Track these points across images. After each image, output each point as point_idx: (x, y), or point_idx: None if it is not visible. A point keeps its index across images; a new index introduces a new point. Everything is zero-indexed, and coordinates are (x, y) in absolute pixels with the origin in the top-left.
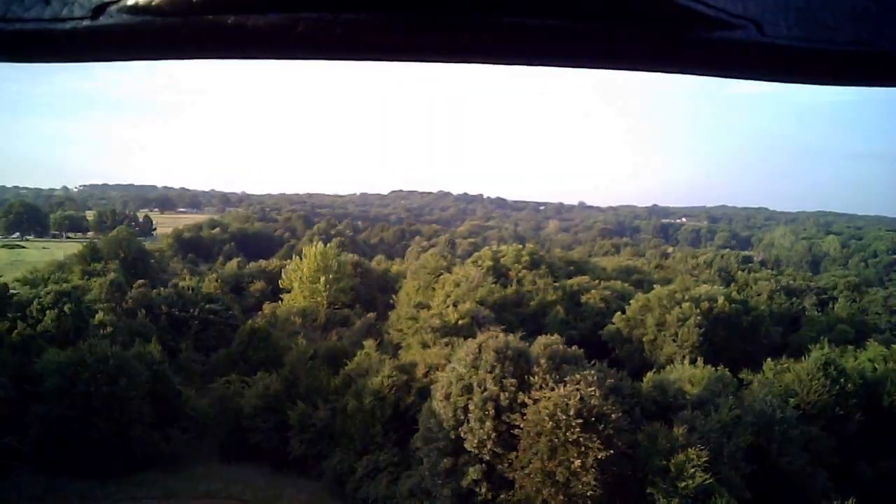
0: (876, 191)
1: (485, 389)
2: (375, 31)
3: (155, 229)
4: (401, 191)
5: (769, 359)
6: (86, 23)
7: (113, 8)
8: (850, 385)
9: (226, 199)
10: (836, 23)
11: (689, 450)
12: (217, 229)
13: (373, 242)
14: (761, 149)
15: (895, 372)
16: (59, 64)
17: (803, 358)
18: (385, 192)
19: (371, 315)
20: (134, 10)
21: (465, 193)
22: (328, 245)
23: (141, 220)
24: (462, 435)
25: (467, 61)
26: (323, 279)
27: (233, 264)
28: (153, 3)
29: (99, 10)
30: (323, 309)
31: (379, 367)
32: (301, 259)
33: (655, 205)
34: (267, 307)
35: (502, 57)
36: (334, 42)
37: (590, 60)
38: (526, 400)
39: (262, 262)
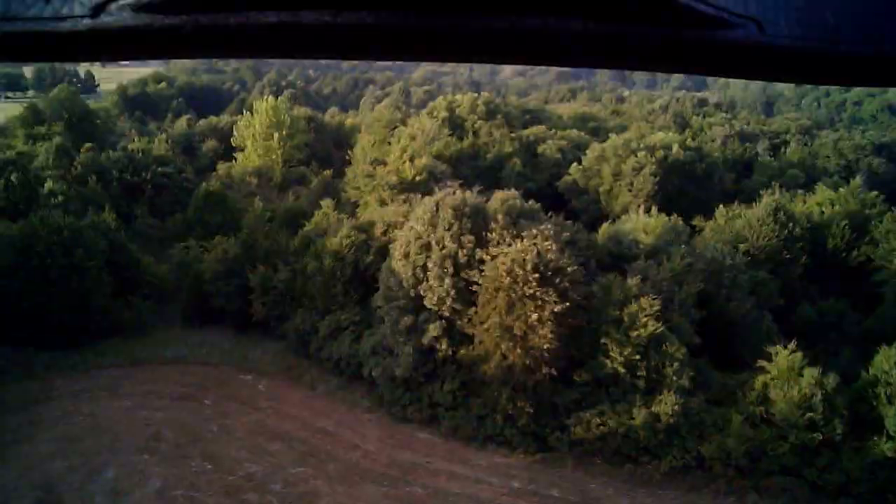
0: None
1: (443, 247)
2: (376, 30)
3: (98, 85)
4: None
5: (721, 205)
6: (86, 21)
7: (113, 6)
8: (797, 229)
9: None
10: (837, 22)
11: (642, 299)
12: (163, 84)
13: (325, 93)
14: None
15: (840, 215)
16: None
17: (755, 204)
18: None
19: (327, 172)
20: (134, 8)
21: None
22: (279, 99)
23: (82, 75)
24: (422, 293)
25: (468, 61)
26: (276, 136)
27: (182, 122)
28: (154, 2)
29: (99, 9)
30: (279, 168)
31: (337, 226)
32: (252, 115)
33: None
34: (221, 167)
35: (503, 56)
36: (335, 42)
37: (590, 60)
38: (484, 256)
39: (213, 119)
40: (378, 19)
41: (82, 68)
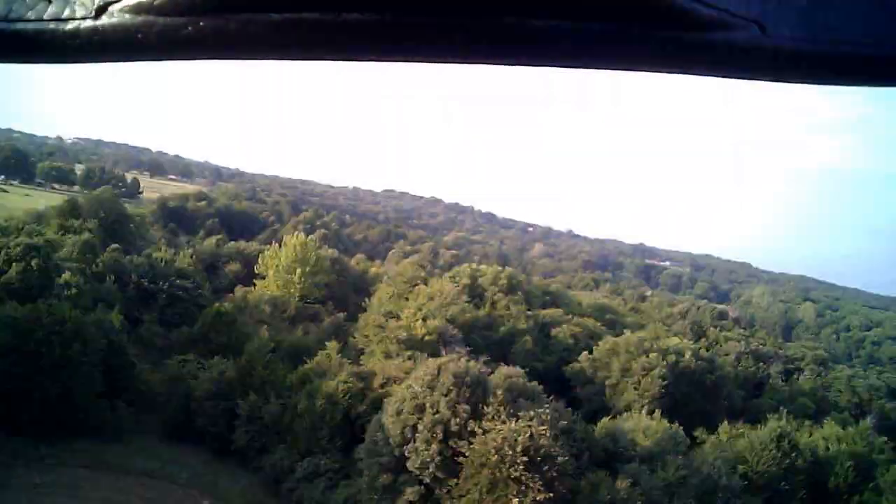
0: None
1: (437, 412)
2: (376, 31)
3: (141, 192)
4: (393, 191)
5: (726, 421)
6: (88, 23)
7: (115, 8)
8: (800, 461)
9: (218, 173)
10: (838, 23)
11: None
12: (204, 202)
13: (357, 239)
14: (750, 199)
15: (846, 455)
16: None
17: (760, 426)
18: (378, 189)
19: (341, 315)
20: (136, 9)
21: (457, 203)
22: (310, 237)
23: (129, 180)
24: (406, 454)
25: (469, 62)
26: (299, 271)
27: (211, 241)
28: (155, 3)
29: (101, 10)
30: (294, 301)
31: (338, 370)
32: (281, 247)
33: (642, 244)
34: (238, 291)
35: (503, 58)
36: (336, 43)
37: (592, 61)
38: (476, 429)
39: (241, 244)
40: (379, 20)
41: (130, 174)
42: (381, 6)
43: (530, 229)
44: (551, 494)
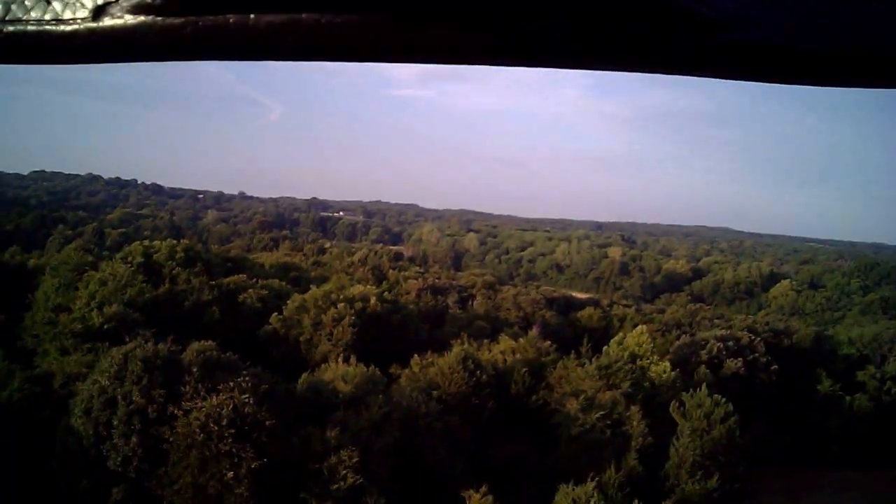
0: (508, 192)
1: (131, 402)
2: (377, 31)
3: None
4: (43, 171)
5: (416, 354)
6: (87, 24)
7: (113, 8)
8: (484, 376)
9: None
10: (835, 24)
11: (342, 451)
12: None
13: (7, 229)
14: (413, 148)
15: (521, 363)
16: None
17: (446, 353)
18: (25, 172)
19: (1, 316)
20: (135, 10)
21: (118, 178)
22: None
23: None
24: (105, 452)
25: (469, 62)
26: None
27: None
28: (154, 4)
29: (100, 11)
30: None
31: (7, 378)
32: None
33: (315, 198)
34: None
35: (503, 58)
36: (336, 42)
37: (592, 61)
38: (176, 411)
39: None
40: (380, 20)
41: None
42: (381, 6)
43: (201, 196)
44: (265, 460)
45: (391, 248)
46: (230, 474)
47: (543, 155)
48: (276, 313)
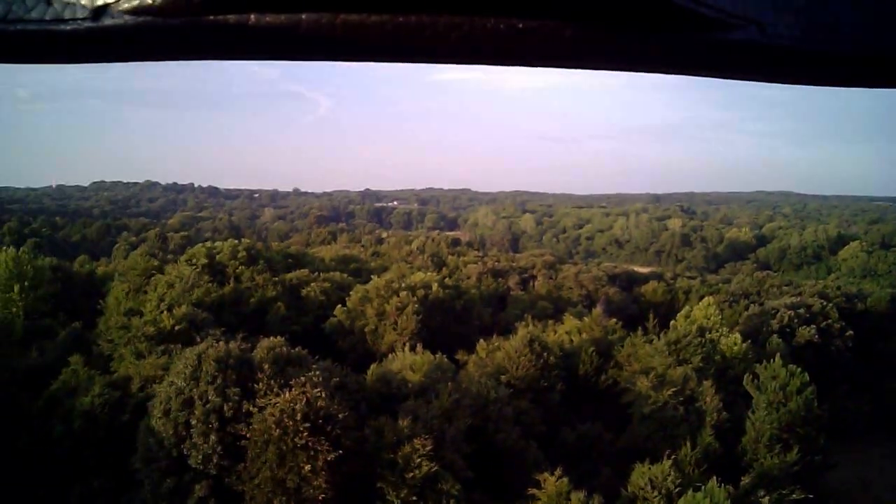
0: (562, 170)
1: (207, 402)
2: (376, 31)
3: None
4: (103, 182)
5: (482, 339)
6: (87, 24)
7: (114, 9)
8: (551, 358)
9: None
10: (837, 23)
11: (415, 440)
12: None
13: (74, 240)
14: (462, 132)
15: (588, 342)
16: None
17: (511, 336)
18: (85, 183)
19: (77, 324)
20: (135, 10)
21: (175, 183)
22: (21, 249)
23: None
24: (185, 452)
25: (468, 62)
26: (17, 287)
27: None
28: (154, 4)
29: (100, 11)
30: (20, 321)
31: (88, 384)
32: None
33: (368, 189)
34: None
35: (503, 58)
36: (335, 42)
37: (589, 61)
38: (251, 409)
39: None
40: (380, 20)
41: None
42: (380, 6)
43: (256, 195)
44: (340, 451)
45: (448, 234)
46: (307, 467)
47: (595, 130)
48: (339, 305)
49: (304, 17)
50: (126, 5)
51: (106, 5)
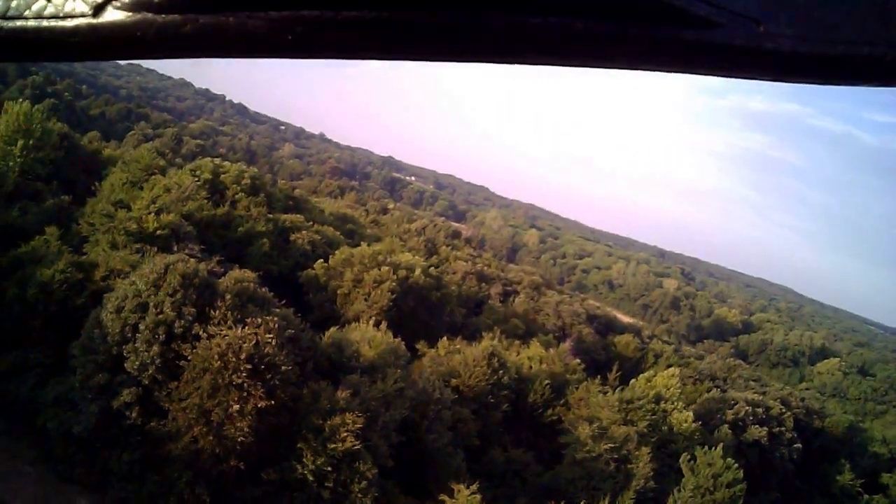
0: (580, 197)
1: (161, 312)
2: (376, 30)
3: None
4: (139, 66)
5: (446, 337)
6: (87, 20)
7: (114, 5)
8: (506, 377)
9: None
10: (837, 22)
11: (347, 414)
12: None
13: (93, 114)
14: (496, 131)
15: (546, 374)
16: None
17: (476, 343)
18: (123, 62)
19: (66, 197)
20: (135, 7)
21: (208, 90)
22: (36, 107)
23: None
24: (125, 353)
25: (468, 61)
26: (21, 143)
27: None
28: (154, 1)
29: (100, 8)
30: (13, 176)
31: (56, 258)
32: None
33: (391, 156)
34: None
35: (503, 57)
36: (335, 41)
37: (589, 60)
38: (201, 333)
39: None
40: (378, 18)
41: None
42: (380, 4)
43: (282, 128)
44: (272, 402)
45: (452, 224)
46: (236, 407)
47: (626, 170)
48: (322, 260)
49: (304, 14)
50: (126, 2)
51: (106, 2)
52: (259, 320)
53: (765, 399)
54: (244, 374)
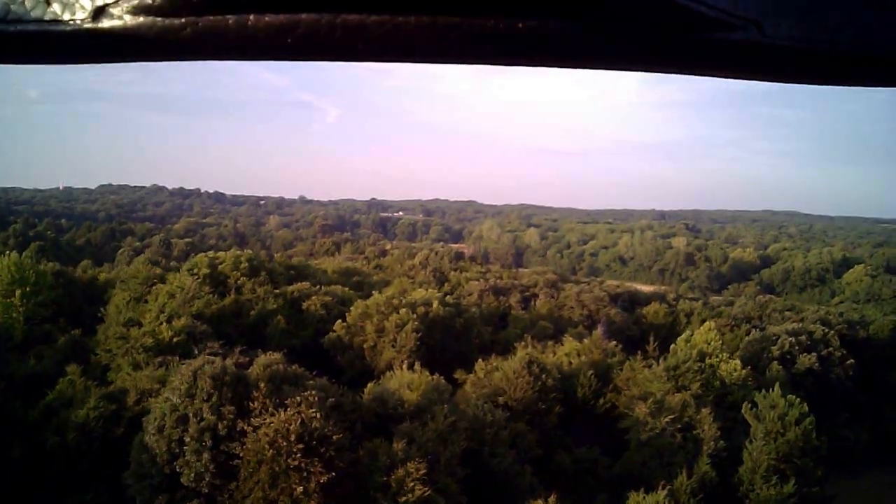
0: (568, 184)
1: (201, 419)
2: (376, 31)
3: None
4: (110, 185)
5: (480, 358)
6: (87, 24)
7: (114, 9)
8: (549, 380)
9: None
10: (837, 23)
11: (409, 463)
12: None
13: (79, 244)
14: (469, 144)
15: (586, 365)
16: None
17: (510, 356)
18: (92, 186)
19: (76, 331)
20: (135, 11)
21: (182, 188)
22: (24, 254)
23: None
24: (178, 469)
25: (468, 62)
26: (19, 293)
27: None
28: (154, 4)
29: (100, 12)
30: (20, 326)
31: (84, 396)
32: None
33: (374, 198)
34: None
35: (503, 58)
36: (335, 42)
37: (589, 61)
38: (245, 427)
39: None
40: (378, 21)
41: None
42: (380, 6)
43: (262, 202)
44: (333, 474)
45: (452, 246)
46: (300, 489)
47: (603, 145)
48: (339, 320)
49: (303, 17)
50: (126, 5)
51: (106, 5)
52: (298, 398)
53: (804, 325)
54: (299, 455)
